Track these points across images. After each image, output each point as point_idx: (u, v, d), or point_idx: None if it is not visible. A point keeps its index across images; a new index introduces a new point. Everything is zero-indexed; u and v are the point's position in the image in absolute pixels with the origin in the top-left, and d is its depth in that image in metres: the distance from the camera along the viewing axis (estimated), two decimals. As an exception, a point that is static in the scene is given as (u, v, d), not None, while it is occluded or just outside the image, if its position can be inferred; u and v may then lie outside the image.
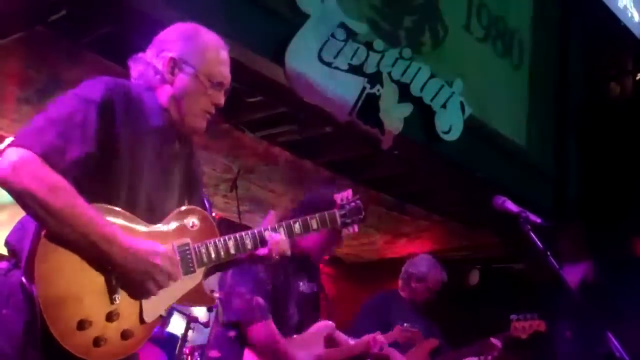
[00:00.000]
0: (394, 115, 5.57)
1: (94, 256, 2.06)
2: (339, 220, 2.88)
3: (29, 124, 2.11)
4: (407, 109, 5.65)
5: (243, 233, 2.50)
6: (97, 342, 2.06)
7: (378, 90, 5.44)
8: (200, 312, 5.84)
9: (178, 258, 2.27)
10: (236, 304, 3.55)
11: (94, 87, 2.21)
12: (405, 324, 4.50)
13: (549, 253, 2.87)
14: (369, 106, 5.38)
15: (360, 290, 7.77)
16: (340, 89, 5.23)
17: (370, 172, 6.62)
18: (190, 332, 5.50)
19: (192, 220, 2.39)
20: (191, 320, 5.56)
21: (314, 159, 6.48)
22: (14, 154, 2.00)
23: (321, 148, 6.24)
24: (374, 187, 6.94)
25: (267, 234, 2.53)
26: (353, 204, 2.95)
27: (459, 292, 8.27)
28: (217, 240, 2.42)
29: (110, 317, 2.10)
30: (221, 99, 2.43)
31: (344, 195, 2.94)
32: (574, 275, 4.81)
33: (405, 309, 5.21)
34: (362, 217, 2.95)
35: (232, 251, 2.44)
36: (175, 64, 2.36)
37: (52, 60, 5.07)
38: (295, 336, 3.70)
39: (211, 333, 3.97)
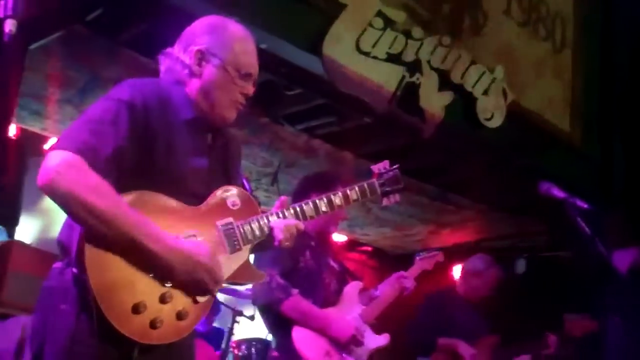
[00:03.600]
0: (435, 104, 5.49)
1: (139, 255, 2.09)
2: (378, 189, 2.83)
3: (67, 128, 2.18)
4: (447, 96, 5.57)
5: (284, 209, 2.52)
6: (153, 324, 2.11)
7: (418, 78, 5.37)
8: (246, 306, 5.87)
9: (223, 237, 2.32)
10: (257, 289, 3.73)
11: (122, 89, 2.28)
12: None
13: (596, 238, 2.81)
14: (408, 95, 5.31)
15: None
16: (379, 78, 5.17)
17: (411, 161, 6.52)
18: (236, 326, 5.53)
19: (233, 200, 2.41)
20: (237, 314, 5.58)
21: (354, 150, 6.44)
22: (55, 158, 2.04)
23: (361, 139, 6.20)
24: (416, 176, 6.86)
25: (273, 220, 2.48)
26: (391, 173, 2.89)
27: (506, 282, 8.18)
28: (259, 217, 2.44)
29: (163, 299, 2.14)
30: (250, 90, 2.45)
31: (381, 165, 2.89)
32: (622, 260, 4.73)
33: (462, 306, 5.39)
34: (401, 186, 2.90)
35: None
36: (202, 56, 2.39)
37: (91, 60, 5.12)
38: (335, 307, 3.84)
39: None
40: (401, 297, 4.14)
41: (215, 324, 6.67)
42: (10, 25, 1.94)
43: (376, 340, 3.93)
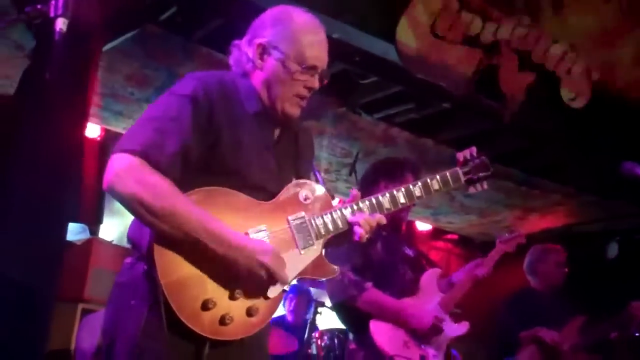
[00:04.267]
0: (515, 86, 5.32)
1: (202, 253, 2.08)
2: (462, 178, 2.67)
3: (131, 127, 2.18)
4: (528, 78, 5.39)
5: (359, 201, 2.43)
6: (223, 320, 2.10)
7: (497, 60, 5.22)
8: (327, 297, 5.85)
9: (294, 232, 2.27)
10: (331, 287, 3.72)
11: (184, 83, 2.25)
12: None
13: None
14: (487, 78, 5.16)
15: (493, 269, 7.52)
16: (456, 62, 5.04)
17: (494, 146, 6.39)
18: (318, 317, 5.53)
19: (305, 193, 2.36)
20: (319, 304, 5.59)
21: (434, 137, 6.33)
22: (118, 160, 2.06)
23: (441, 125, 6.10)
24: (500, 161, 6.70)
25: (350, 215, 2.39)
26: (478, 160, 2.72)
27: (598, 267, 7.94)
28: (332, 211, 2.37)
29: (233, 295, 2.13)
30: (315, 83, 2.35)
31: (467, 152, 2.73)
32: None
33: (541, 298, 5.28)
34: (490, 173, 2.73)
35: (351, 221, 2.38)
36: (264, 50, 2.33)
37: (168, 58, 5.19)
38: (409, 298, 3.77)
39: None
40: (478, 283, 4.02)
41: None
42: (60, 24, 1.94)
43: (455, 329, 3.84)
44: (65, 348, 4.55)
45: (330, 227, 2.35)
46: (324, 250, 2.38)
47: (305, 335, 4.95)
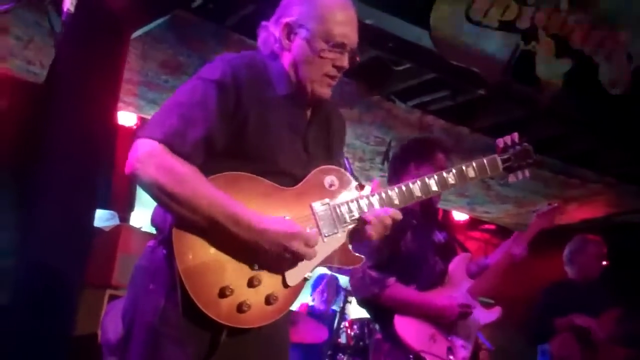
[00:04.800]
0: (552, 72, 5.22)
1: (224, 238, 2.05)
2: (500, 165, 2.58)
3: (156, 113, 2.17)
4: (566, 64, 5.28)
5: (388, 189, 2.35)
6: (240, 307, 2.07)
7: (533, 46, 5.12)
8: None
9: (318, 219, 2.21)
10: (354, 284, 3.67)
11: (212, 67, 2.22)
12: None
13: None
14: (523, 64, 5.07)
15: (531, 260, 7.40)
16: (492, 48, 4.95)
17: (531, 133, 6.18)
18: (348, 306, 5.51)
19: (331, 180, 2.29)
20: (348, 294, 5.56)
21: (470, 124, 6.24)
22: (140, 146, 2.05)
23: (477, 112, 6.01)
24: (537, 149, 6.54)
25: (367, 210, 2.29)
26: (519, 147, 2.65)
27: (639, 258, 7.78)
28: (359, 199, 2.29)
29: (251, 283, 2.10)
30: (344, 61, 2.28)
31: (508, 139, 2.64)
32: None
33: (577, 289, 5.21)
34: (532, 161, 2.67)
35: (378, 206, 2.30)
36: (290, 29, 2.28)
37: (201, 45, 5.18)
38: (435, 289, 3.69)
39: None
40: (513, 265, 3.88)
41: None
42: (68, 4, 1.93)
43: (486, 316, 3.76)
44: (92, 333, 4.58)
45: (356, 214, 2.27)
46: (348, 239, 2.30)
47: (335, 325, 4.91)
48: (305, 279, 2.21)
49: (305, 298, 6.98)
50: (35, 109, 4.11)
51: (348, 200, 2.28)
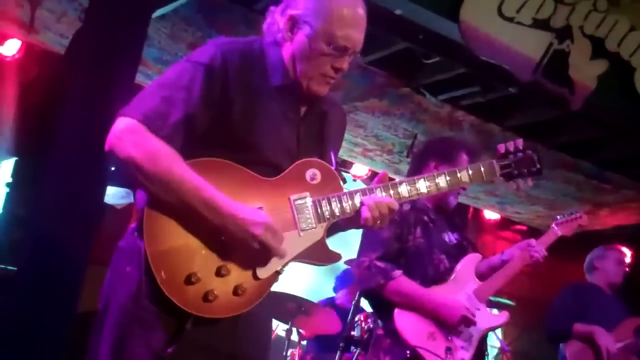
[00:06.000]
0: (586, 73, 5.10)
1: (195, 220, 2.02)
2: (498, 171, 2.46)
3: (141, 92, 2.14)
4: (601, 66, 5.16)
5: (373, 186, 2.27)
6: (206, 296, 2.02)
7: (567, 46, 5.01)
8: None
9: (295, 212, 2.15)
10: (357, 274, 3.62)
11: (203, 50, 2.18)
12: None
13: None
14: (556, 64, 4.96)
15: (561, 264, 7.26)
16: (524, 45, 4.86)
17: (563, 136, 6.17)
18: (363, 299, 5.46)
19: (312, 173, 2.21)
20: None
21: (500, 122, 6.13)
22: (120, 124, 2.04)
23: (507, 110, 5.90)
24: (569, 152, 6.47)
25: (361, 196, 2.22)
26: (521, 154, 2.50)
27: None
28: (342, 195, 2.22)
29: (219, 272, 2.05)
30: (343, 64, 2.20)
31: (511, 144, 2.51)
32: None
33: (599, 293, 5.15)
34: (535, 169, 2.51)
35: (359, 205, 2.21)
36: (294, 23, 2.19)
37: (230, 28, 5.15)
38: (444, 284, 3.60)
39: None
40: (528, 267, 3.77)
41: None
42: None
43: (492, 320, 3.65)
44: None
45: (336, 211, 2.19)
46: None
47: (349, 317, 4.86)
48: (278, 273, 2.14)
49: (328, 291, 6.96)
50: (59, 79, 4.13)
51: (329, 195, 2.21)
